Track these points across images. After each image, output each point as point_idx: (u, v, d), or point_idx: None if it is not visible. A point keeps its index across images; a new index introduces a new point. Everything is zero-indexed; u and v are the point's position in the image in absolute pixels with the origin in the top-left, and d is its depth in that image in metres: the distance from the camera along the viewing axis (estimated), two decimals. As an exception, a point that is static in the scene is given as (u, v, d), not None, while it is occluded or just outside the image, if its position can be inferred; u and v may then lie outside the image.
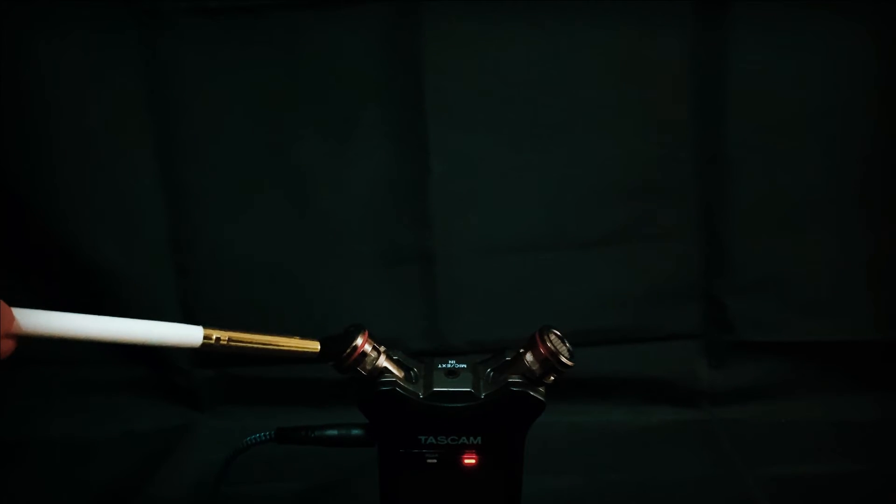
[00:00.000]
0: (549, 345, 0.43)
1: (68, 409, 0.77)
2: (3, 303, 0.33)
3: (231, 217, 0.75)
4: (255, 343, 0.42)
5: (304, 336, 0.44)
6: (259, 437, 0.48)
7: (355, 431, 0.47)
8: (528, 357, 0.44)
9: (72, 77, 0.71)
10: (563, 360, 0.43)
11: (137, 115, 0.72)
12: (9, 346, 0.34)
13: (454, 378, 0.45)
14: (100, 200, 0.74)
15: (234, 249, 0.76)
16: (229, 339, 0.40)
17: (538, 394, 0.44)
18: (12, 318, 0.33)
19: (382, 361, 0.44)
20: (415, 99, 0.71)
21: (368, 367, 0.43)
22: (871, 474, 0.67)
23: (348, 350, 0.43)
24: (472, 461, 0.45)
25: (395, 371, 0.44)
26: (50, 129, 0.72)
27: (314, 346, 0.43)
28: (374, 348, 0.44)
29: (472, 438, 0.44)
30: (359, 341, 0.43)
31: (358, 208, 0.75)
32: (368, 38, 0.70)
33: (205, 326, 0.40)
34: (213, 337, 0.40)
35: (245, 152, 0.74)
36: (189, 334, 0.39)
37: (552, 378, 0.44)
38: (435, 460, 0.45)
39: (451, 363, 0.46)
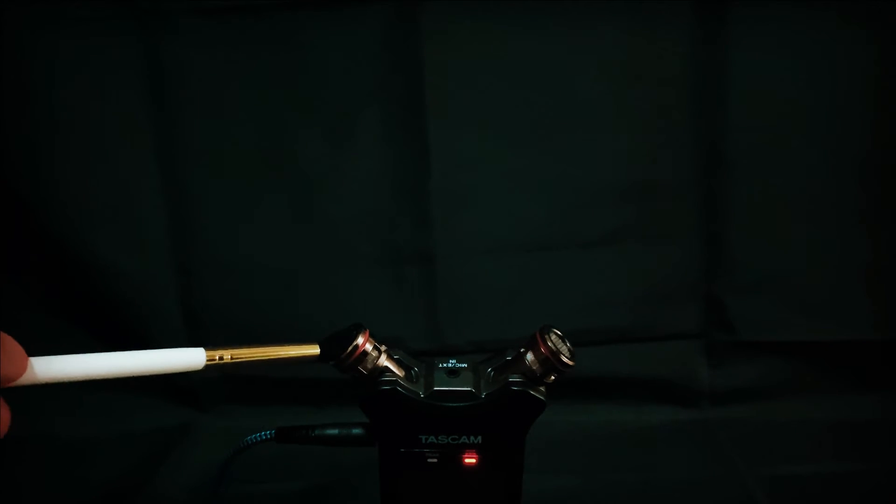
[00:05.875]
0: (549, 344, 0.43)
1: (68, 408, 0.77)
2: (15, 343, 0.32)
3: (231, 216, 0.75)
4: (256, 356, 0.42)
5: (303, 339, 0.44)
6: (259, 436, 0.48)
7: (356, 431, 0.47)
8: (529, 356, 0.44)
9: (72, 77, 0.71)
10: (564, 359, 0.43)
11: (138, 115, 0.72)
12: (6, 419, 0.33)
13: (455, 377, 0.45)
14: (100, 201, 0.74)
15: (235, 249, 0.76)
16: (231, 357, 0.41)
17: (539, 393, 0.44)
18: (25, 364, 0.33)
19: (383, 361, 0.44)
20: (415, 99, 0.71)
21: (369, 367, 0.44)
22: (870, 474, 0.67)
23: (349, 349, 0.43)
24: (473, 461, 0.45)
25: (395, 370, 0.44)
26: (50, 130, 0.72)
27: (314, 350, 0.43)
28: (374, 348, 0.44)
29: (472, 438, 0.45)
30: (360, 341, 0.43)
31: (358, 208, 0.75)
32: (368, 38, 0.70)
33: (206, 348, 0.40)
34: (216, 357, 0.40)
35: (245, 152, 0.74)
36: (193, 358, 0.40)
37: (553, 378, 0.44)
38: (435, 460, 0.45)
39: (452, 362, 0.46)
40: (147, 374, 0.38)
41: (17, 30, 0.69)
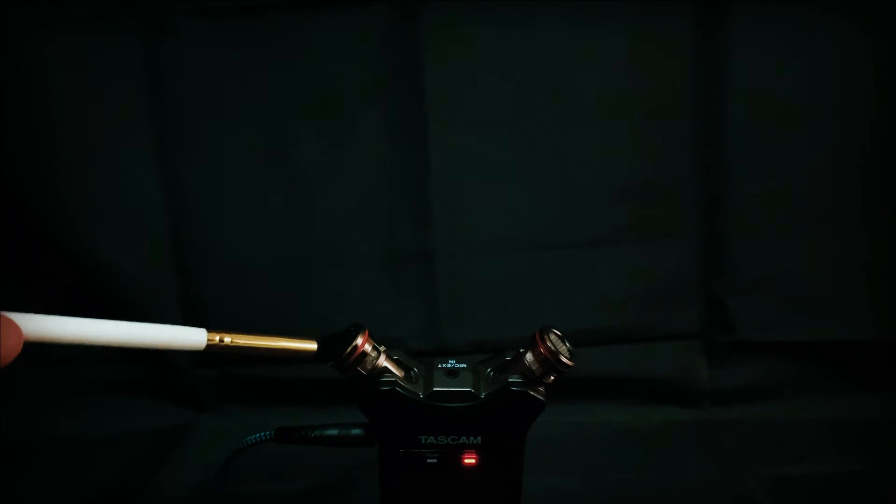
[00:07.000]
0: (549, 344, 0.43)
1: (68, 408, 0.77)
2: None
3: (231, 216, 0.75)
4: (255, 344, 0.43)
5: (303, 335, 0.44)
6: (259, 437, 0.48)
7: (355, 431, 0.47)
8: (529, 357, 0.44)
9: (72, 77, 0.71)
10: (564, 359, 0.43)
11: (138, 115, 0.72)
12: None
13: (454, 378, 0.45)
14: (100, 200, 0.74)
15: (235, 249, 0.76)
16: (232, 341, 0.41)
17: (538, 393, 0.44)
18: (20, 341, 0.32)
19: (382, 361, 0.44)
20: (415, 99, 0.71)
21: (368, 367, 0.43)
22: (870, 474, 0.67)
23: (349, 350, 0.43)
24: (472, 461, 0.45)
25: (395, 371, 0.44)
26: (50, 130, 0.72)
27: (311, 346, 0.43)
28: (374, 348, 0.44)
29: (472, 438, 0.45)
30: (359, 341, 0.43)
31: (358, 208, 0.75)
32: (368, 38, 0.70)
33: (208, 329, 0.40)
34: (217, 338, 0.41)
35: (245, 152, 0.74)
36: (194, 337, 0.39)
37: (552, 378, 0.44)
38: (435, 460, 0.45)
39: (451, 363, 0.46)
40: (149, 346, 0.37)
41: (17, 30, 0.69)
